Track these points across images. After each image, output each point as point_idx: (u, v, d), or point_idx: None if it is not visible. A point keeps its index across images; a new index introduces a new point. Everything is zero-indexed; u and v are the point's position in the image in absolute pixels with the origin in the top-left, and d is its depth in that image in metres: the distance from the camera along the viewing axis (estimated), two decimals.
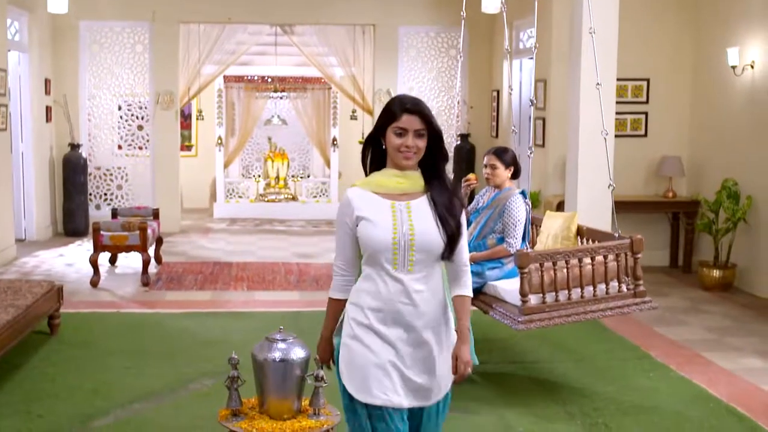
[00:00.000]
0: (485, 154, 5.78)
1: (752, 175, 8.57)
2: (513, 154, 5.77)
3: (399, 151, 2.88)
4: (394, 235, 2.88)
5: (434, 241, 2.89)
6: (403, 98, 2.98)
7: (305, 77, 14.04)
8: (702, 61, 9.52)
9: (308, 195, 14.53)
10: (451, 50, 12.56)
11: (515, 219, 5.45)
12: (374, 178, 2.98)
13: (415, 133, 2.88)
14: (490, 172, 5.66)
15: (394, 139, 2.89)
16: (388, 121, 2.92)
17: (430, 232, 2.89)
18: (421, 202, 2.94)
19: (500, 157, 5.68)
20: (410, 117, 2.89)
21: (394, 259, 2.89)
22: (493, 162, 5.66)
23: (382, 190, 2.94)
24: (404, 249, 2.88)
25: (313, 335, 6.39)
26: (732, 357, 6.28)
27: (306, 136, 14.80)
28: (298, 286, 8.58)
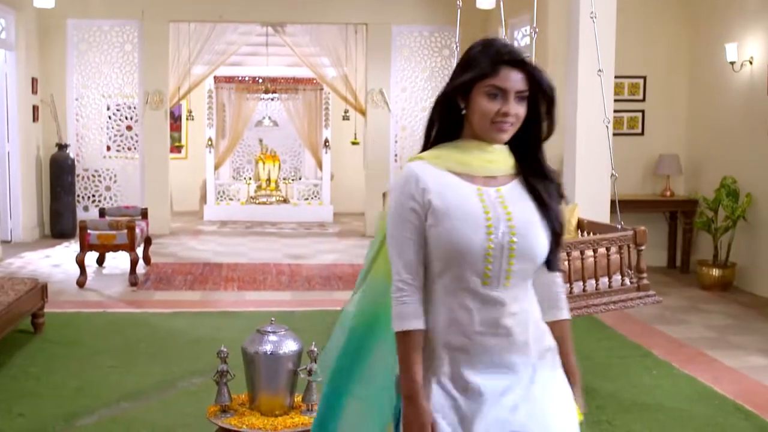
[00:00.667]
0: None
1: (751, 173, 8.44)
2: None
3: (493, 121, 2.09)
4: (490, 236, 2.06)
5: (540, 245, 2.12)
6: (497, 44, 2.12)
7: (297, 78, 13.90)
8: (699, 57, 9.40)
9: (300, 197, 14.37)
10: (445, 50, 12.41)
11: None
12: (449, 152, 2.16)
13: (516, 95, 2.10)
14: None
15: (485, 103, 2.08)
16: (476, 77, 2.10)
17: (535, 232, 2.11)
18: (513, 189, 2.16)
19: None
20: (511, 72, 2.09)
21: (485, 271, 2.06)
22: None
23: (463, 170, 2.13)
24: (502, 256, 2.06)
25: (306, 334, 6.20)
26: (736, 355, 6.12)
27: (297, 137, 14.64)
28: (290, 286, 8.40)
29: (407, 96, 12.41)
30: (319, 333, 6.58)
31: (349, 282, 8.64)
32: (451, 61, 12.39)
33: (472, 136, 2.16)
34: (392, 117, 12.29)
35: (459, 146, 2.17)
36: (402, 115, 12.42)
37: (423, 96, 12.44)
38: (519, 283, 2.10)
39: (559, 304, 2.28)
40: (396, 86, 12.32)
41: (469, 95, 2.13)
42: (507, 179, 2.17)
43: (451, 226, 2.06)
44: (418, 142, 10.61)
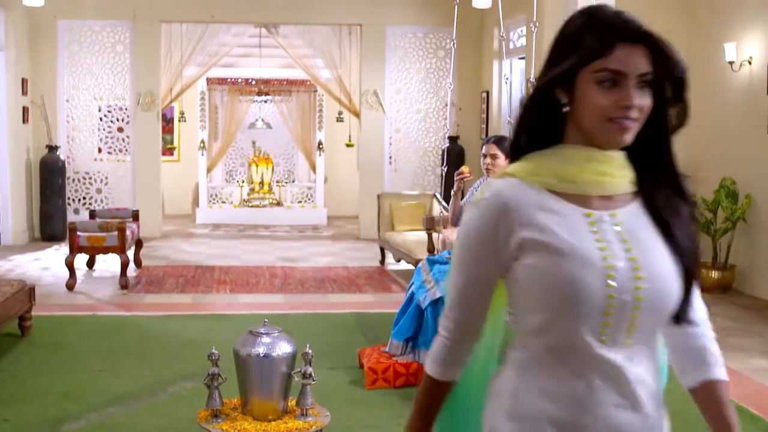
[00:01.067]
0: (483, 143, 5.49)
1: (751, 174, 8.34)
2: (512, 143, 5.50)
3: (609, 118, 1.54)
4: (608, 280, 1.52)
5: (672, 290, 1.59)
6: (607, 13, 1.57)
7: (290, 79, 13.78)
8: (697, 56, 9.28)
9: (293, 200, 14.24)
10: (440, 51, 12.30)
11: None
12: (548, 163, 1.61)
13: (638, 80, 1.55)
14: (490, 162, 5.36)
15: (596, 95, 1.53)
16: (582, 60, 1.54)
17: (665, 274, 1.58)
18: (634, 214, 1.61)
19: (500, 146, 5.39)
20: (630, 50, 1.54)
21: (603, 326, 1.53)
22: (494, 151, 5.37)
23: (568, 188, 1.58)
24: (624, 306, 1.53)
25: (300, 337, 6.05)
26: (739, 358, 6.00)
27: (291, 139, 14.51)
28: (283, 289, 8.26)
29: (402, 97, 12.29)
30: (313, 336, 6.47)
31: (343, 285, 8.52)
32: (446, 62, 12.30)
33: (579, 140, 1.60)
34: (387, 119, 12.17)
35: (561, 155, 1.60)
36: (396, 116, 12.31)
37: (417, 97, 12.33)
38: (643, 340, 1.58)
39: (708, 359, 1.72)
40: (390, 88, 12.20)
41: (572, 86, 1.57)
42: (626, 199, 1.62)
43: (561, 265, 1.51)
44: (413, 144, 10.61)
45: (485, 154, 5.40)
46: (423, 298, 5.17)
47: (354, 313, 7.18)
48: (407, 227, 9.52)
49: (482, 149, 5.47)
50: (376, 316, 7.08)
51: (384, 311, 7.30)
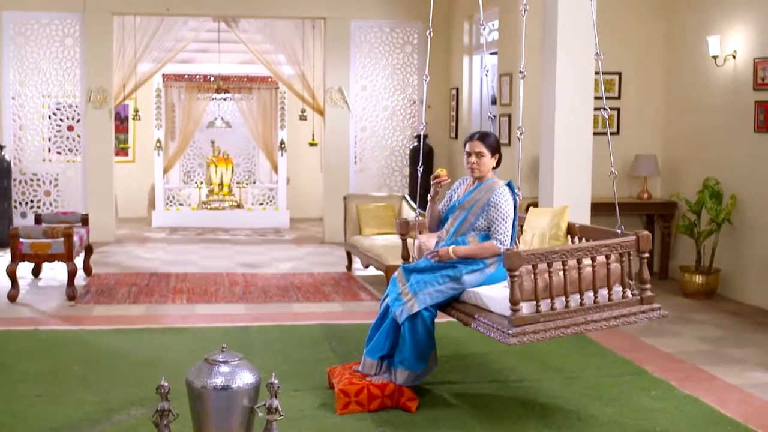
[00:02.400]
0: (466, 140, 5.00)
1: (736, 173, 7.97)
2: (497, 139, 5.02)
3: None
4: None
5: None
6: None
7: (250, 76, 13.24)
8: (679, 51, 8.92)
9: (254, 202, 13.69)
10: (407, 46, 11.82)
11: (504, 214, 4.69)
12: None
13: None
14: (475, 161, 4.88)
15: None
16: None
17: None
18: None
19: (486, 143, 4.91)
20: None
21: None
22: (479, 149, 4.89)
23: None
24: None
25: (264, 354, 5.53)
26: (736, 371, 5.59)
27: (251, 139, 13.94)
28: (244, 298, 7.71)
29: (368, 95, 11.80)
30: (277, 352, 5.95)
31: (308, 293, 7.99)
32: (414, 57, 11.84)
33: None
34: (352, 117, 11.68)
35: None
36: (362, 114, 11.82)
37: (384, 94, 11.85)
38: None
39: None
40: (356, 84, 11.71)
41: None
42: None
43: None
44: (380, 143, 10.12)
45: (469, 152, 4.92)
46: (399, 312, 4.66)
47: (321, 325, 6.66)
48: (375, 231, 9.02)
49: (465, 147, 4.99)
50: (345, 328, 6.57)
51: (353, 322, 6.80)
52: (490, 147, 4.92)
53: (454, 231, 4.86)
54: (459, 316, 4.62)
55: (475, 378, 5.28)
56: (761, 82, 7.58)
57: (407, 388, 4.70)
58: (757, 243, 7.69)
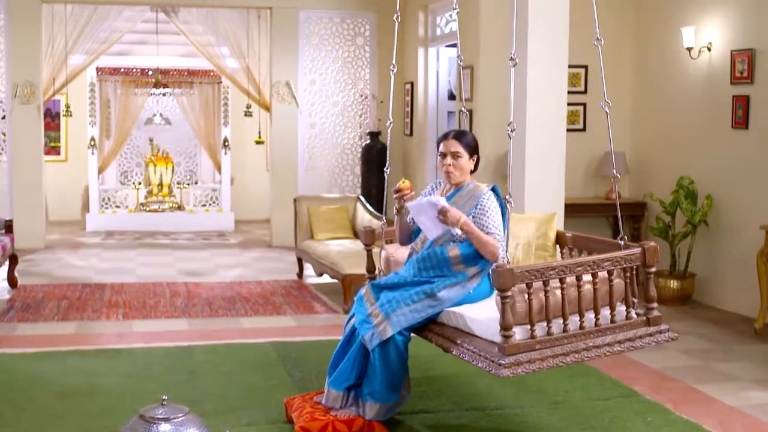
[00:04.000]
0: (440, 139, 4.41)
1: (711, 172, 7.54)
2: (475, 138, 4.44)
3: None
4: None
5: None
6: None
7: (191, 69, 12.49)
8: (650, 43, 8.46)
9: (196, 204, 12.94)
10: (358, 38, 11.22)
11: (494, 217, 4.13)
12: None
13: None
14: (451, 163, 4.29)
15: None
16: None
17: None
18: None
19: (463, 142, 4.33)
20: None
21: None
22: (456, 149, 4.30)
23: None
24: None
25: (210, 379, 4.87)
26: (732, 389, 5.12)
27: (193, 136, 13.16)
28: (186, 312, 7.02)
29: (317, 89, 11.17)
30: (225, 375, 5.28)
31: (257, 304, 7.33)
32: (366, 50, 11.25)
33: None
34: (300, 113, 11.04)
35: None
36: (311, 110, 11.19)
37: (335, 89, 11.22)
38: None
39: None
40: (304, 78, 11.06)
41: None
42: None
43: None
44: (330, 141, 9.39)
45: (444, 153, 4.33)
46: (369, 337, 4.05)
47: (273, 343, 6.01)
48: (329, 235, 8.39)
49: (439, 146, 4.40)
50: (301, 347, 5.94)
51: (308, 339, 6.19)
52: (468, 147, 4.34)
53: (431, 242, 4.27)
54: (437, 340, 4.03)
55: (449, 405, 4.70)
56: (739, 76, 7.15)
57: (378, 423, 4.11)
58: (734, 246, 7.27)
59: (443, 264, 4.19)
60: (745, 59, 7.06)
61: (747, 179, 7.14)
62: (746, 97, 7.08)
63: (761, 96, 6.95)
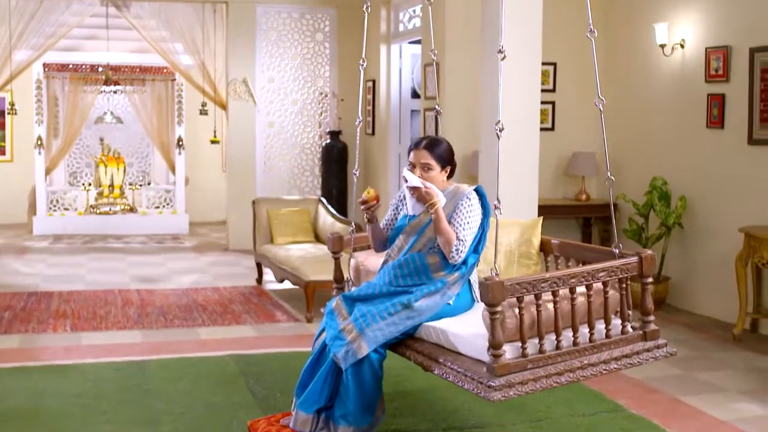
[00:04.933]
0: (410, 148, 4.08)
1: (685, 173, 7.33)
2: (449, 147, 4.11)
3: None
4: None
5: None
6: None
7: (144, 66, 12.04)
8: (621, 39, 8.23)
9: (149, 205, 12.48)
10: (318, 34, 10.86)
11: (467, 219, 3.83)
12: None
13: None
14: (422, 175, 3.97)
15: None
16: None
17: None
18: None
19: (435, 153, 4.00)
20: None
21: None
22: (427, 160, 3.98)
23: None
24: None
25: (166, 397, 4.49)
26: (719, 401, 4.87)
27: (146, 136, 12.71)
28: (140, 322, 6.61)
29: (275, 87, 10.79)
30: (183, 395, 4.85)
31: (215, 313, 6.95)
32: (325, 46, 10.88)
33: None
34: (258, 111, 10.65)
35: None
36: (269, 108, 10.82)
37: (294, 87, 10.86)
38: None
39: None
40: (262, 76, 10.68)
41: None
42: None
43: None
44: (289, 141, 8.97)
45: (413, 164, 4.00)
46: (343, 356, 3.72)
47: (234, 356, 5.64)
48: (289, 239, 8.04)
49: (408, 155, 4.06)
50: (262, 359, 5.58)
51: (271, 351, 5.83)
52: (440, 158, 4.01)
53: (408, 248, 3.95)
54: (417, 358, 3.70)
55: (426, 424, 4.38)
56: (714, 74, 6.95)
57: None
58: (710, 249, 7.07)
59: (421, 271, 3.88)
60: (720, 56, 6.86)
61: (722, 180, 6.94)
62: (722, 96, 6.88)
63: (737, 94, 6.75)
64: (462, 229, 3.82)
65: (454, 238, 3.79)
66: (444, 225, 3.79)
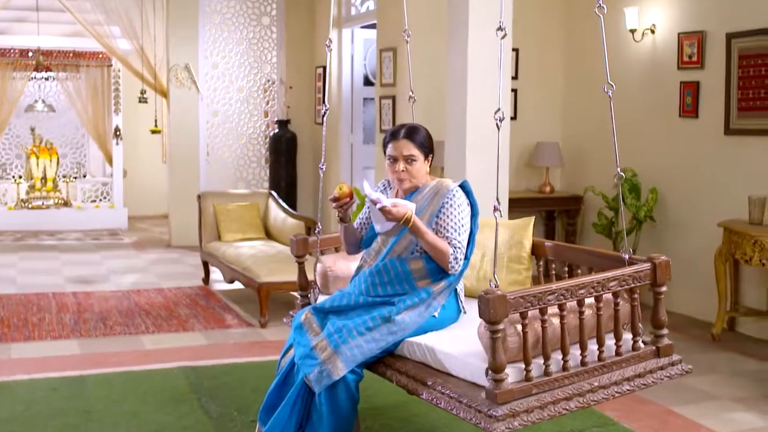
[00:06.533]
0: (387, 139, 3.60)
1: (655, 164, 7.02)
2: (429, 133, 3.66)
3: None
4: None
5: None
6: None
7: (78, 51, 11.46)
8: (587, 24, 7.87)
9: (85, 199, 11.85)
10: (264, 17, 10.32)
11: (457, 220, 3.41)
12: None
13: None
14: (406, 168, 3.52)
15: None
16: None
17: None
18: None
19: (416, 141, 3.55)
20: None
21: None
22: (410, 151, 3.53)
23: None
24: None
25: (107, 421, 3.99)
26: (713, 411, 4.55)
27: (80, 125, 12.07)
28: (77, 330, 6.04)
29: (219, 73, 10.23)
30: (127, 416, 4.23)
31: (159, 318, 6.41)
32: (272, 30, 10.36)
33: None
34: (201, 99, 10.09)
35: None
36: (213, 96, 10.26)
37: (239, 73, 10.31)
38: None
39: None
40: (205, 62, 10.13)
41: None
42: None
43: None
44: (235, 130, 8.38)
45: (394, 157, 3.54)
46: (316, 377, 3.25)
47: (183, 368, 5.12)
48: (239, 236, 7.52)
49: (386, 148, 3.60)
50: (215, 372, 5.07)
51: (223, 362, 5.33)
52: (423, 147, 3.57)
53: (386, 252, 3.50)
54: (400, 379, 3.25)
55: None
56: (688, 60, 6.63)
57: None
58: (684, 243, 6.77)
59: (403, 278, 3.43)
60: (695, 42, 6.54)
61: (697, 172, 6.64)
62: (696, 84, 6.57)
63: (712, 82, 6.44)
64: (454, 232, 3.39)
65: (447, 248, 3.35)
66: (430, 237, 3.35)
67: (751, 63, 6.06)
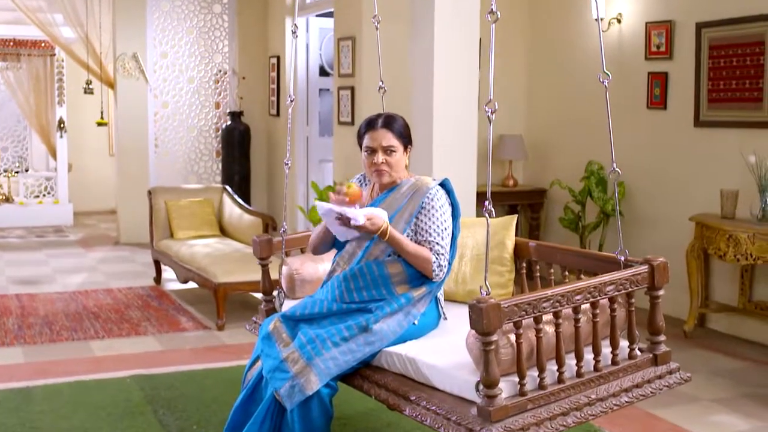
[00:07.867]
0: (363, 129, 3.35)
1: (622, 157, 6.75)
2: (405, 121, 3.42)
3: None
4: None
5: None
6: None
7: (18, 39, 11.02)
8: (550, 13, 7.69)
9: (28, 195, 11.37)
10: (215, 5, 9.97)
11: (439, 223, 3.18)
12: None
13: None
14: (387, 160, 3.27)
15: None
16: None
17: None
18: None
19: (395, 130, 3.31)
20: None
21: None
22: (390, 142, 3.28)
23: None
24: None
25: None
26: (696, 413, 4.39)
27: (22, 117, 11.58)
28: (20, 336, 5.67)
29: (169, 63, 9.85)
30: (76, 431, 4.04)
31: (110, 321, 6.07)
32: (223, 19, 10.00)
33: None
34: (150, 90, 9.70)
35: None
36: (163, 87, 9.87)
37: (189, 63, 9.94)
38: None
39: None
40: (154, 51, 9.74)
41: None
42: None
43: None
44: (185, 122, 7.95)
45: (373, 148, 3.29)
46: (287, 392, 2.98)
47: (136, 377, 4.80)
48: (192, 233, 7.20)
49: (363, 139, 3.34)
50: (171, 380, 4.76)
51: (180, 369, 5.02)
52: (402, 137, 3.33)
53: (362, 254, 3.25)
54: (379, 393, 3.00)
55: None
56: (656, 50, 6.48)
57: None
58: (652, 238, 6.62)
59: (380, 283, 3.18)
60: (663, 32, 6.39)
61: (666, 165, 6.49)
62: (664, 74, 6.42)
63: (681, 73, 6.29)
64: (437, 236, 3.15)
65: (429, 255, 3.12)
66: (410, 248, 3.12)
67: (722, 53, 5.92)
